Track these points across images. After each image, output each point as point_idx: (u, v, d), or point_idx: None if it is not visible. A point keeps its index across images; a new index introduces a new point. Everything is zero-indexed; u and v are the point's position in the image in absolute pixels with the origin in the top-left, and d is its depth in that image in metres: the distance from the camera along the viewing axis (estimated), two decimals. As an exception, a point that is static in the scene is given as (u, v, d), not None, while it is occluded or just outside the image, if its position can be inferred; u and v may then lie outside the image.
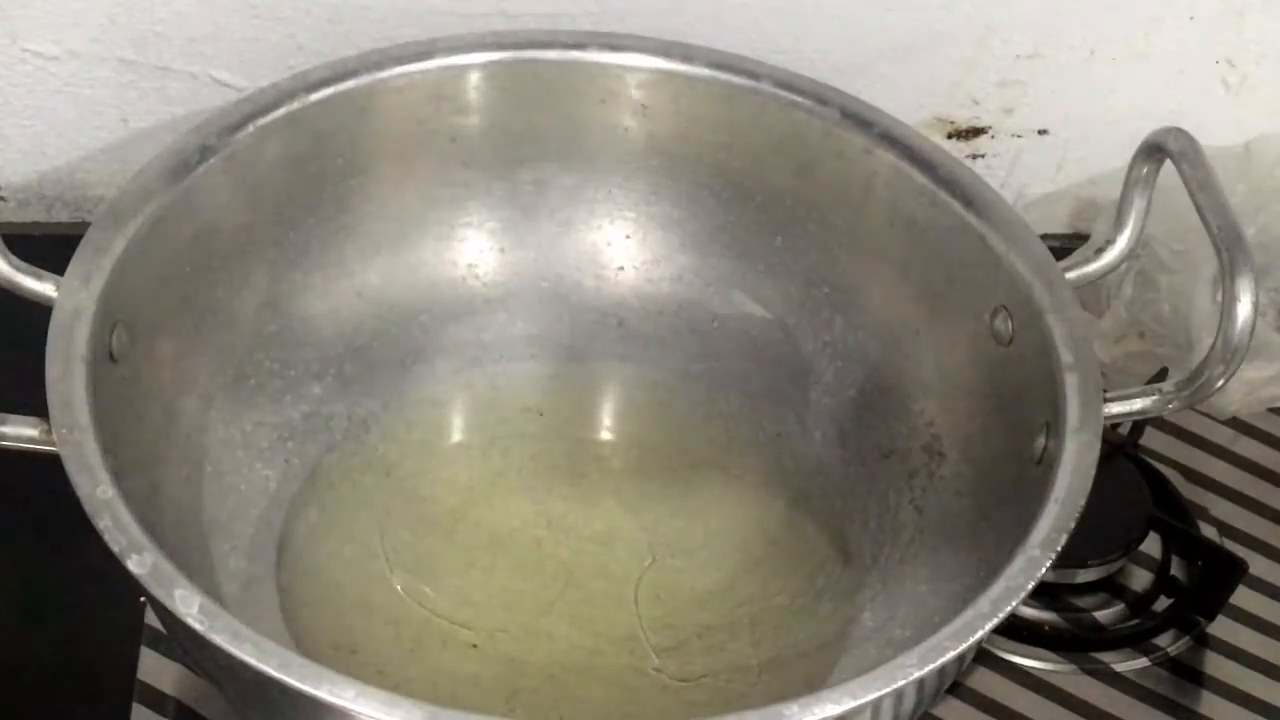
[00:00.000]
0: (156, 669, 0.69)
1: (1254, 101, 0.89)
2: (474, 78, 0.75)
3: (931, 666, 0.55)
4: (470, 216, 0.78)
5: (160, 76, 0.80)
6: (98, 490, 0.57)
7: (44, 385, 0.60)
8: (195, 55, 0.79)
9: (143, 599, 0.69)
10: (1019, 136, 0.88)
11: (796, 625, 0.70)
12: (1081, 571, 0.75)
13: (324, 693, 0.52)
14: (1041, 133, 0.87)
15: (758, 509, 0.74)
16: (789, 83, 0.75)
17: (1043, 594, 0.57)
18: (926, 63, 0.84)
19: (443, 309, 0.78)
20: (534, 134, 0.77)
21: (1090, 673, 0.75)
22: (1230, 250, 0.61)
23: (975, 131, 0.86)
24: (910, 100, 0.84)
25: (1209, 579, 0.77)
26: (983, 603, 0.57)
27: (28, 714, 0.69)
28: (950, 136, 0.87)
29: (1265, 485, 0.83)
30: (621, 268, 0.80)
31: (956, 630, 0.56)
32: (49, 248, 0.64)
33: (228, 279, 0.72)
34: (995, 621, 0.57)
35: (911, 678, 0.55)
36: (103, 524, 0.56)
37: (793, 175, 0.76)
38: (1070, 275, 0.69)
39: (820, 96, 0.74)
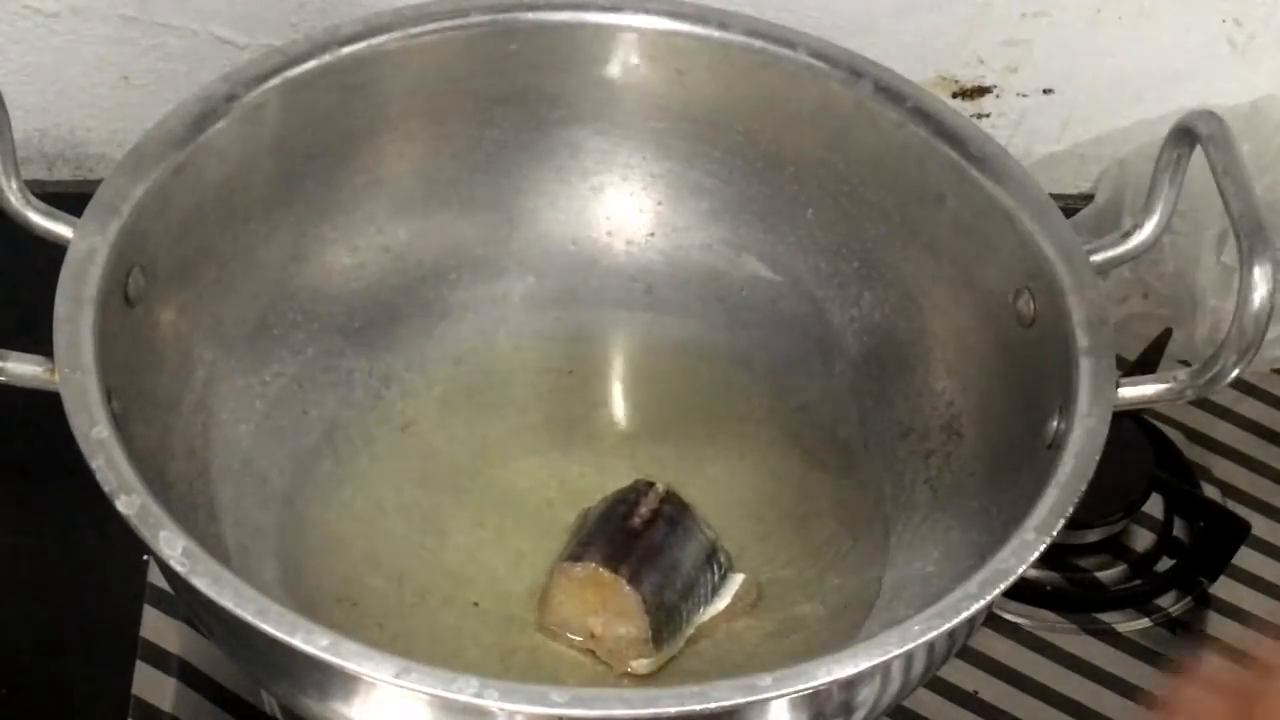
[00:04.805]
0: (159, 627, 0.70)
1: (1261, 61, 0.87)
2: (509, 38, 0.74)
3: (904, 648, 0.54)
4: (502, 177, 0.78)
5: (161, 33, 0.80)
6: (94, 430, 0.57)
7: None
8: (196, 12, 0.79)
9: (145, 557, 0.70)
10: (1024, 96, 0.86)
11: (801, 598, 0.70)
12: (1084, 532, 0.76)
13: (298, 640, 0.52)
14: (1047, 92, 0.86)
15: (772, 481, 0.74)
16: (823, 53, 0.74)
17: (1045, 555, 0.58)
18: (931, 20, 0.83)
19: (470, 268, 0.78)
20: (568, 97, 0.77)
21: (1092, 633, 0.75)
22: (1249, 238, 0.60)
23: (980, 91, 0.85)
24: (914, 59, 0.82)
25: (1211, 539, 0.77)
26: (971, 585, 0.57)
27: (31, 671, 0.70)
28: (955, 96, 0.85)
29: (1268, 446, 0.83)
30: (652, 234, 0.79)
31: (941, 610, 0.56)
32: (51, 205, 0.63)
33: (253, 229, 0.72)
34: (981, 605, 0.56)
35: (888, 655, 0.54)
36: (96, 464, 0.56)
37: (825, 147, 0.75)
38: (1096, 258, 0.68)
39: (854, 68, 0.73)
